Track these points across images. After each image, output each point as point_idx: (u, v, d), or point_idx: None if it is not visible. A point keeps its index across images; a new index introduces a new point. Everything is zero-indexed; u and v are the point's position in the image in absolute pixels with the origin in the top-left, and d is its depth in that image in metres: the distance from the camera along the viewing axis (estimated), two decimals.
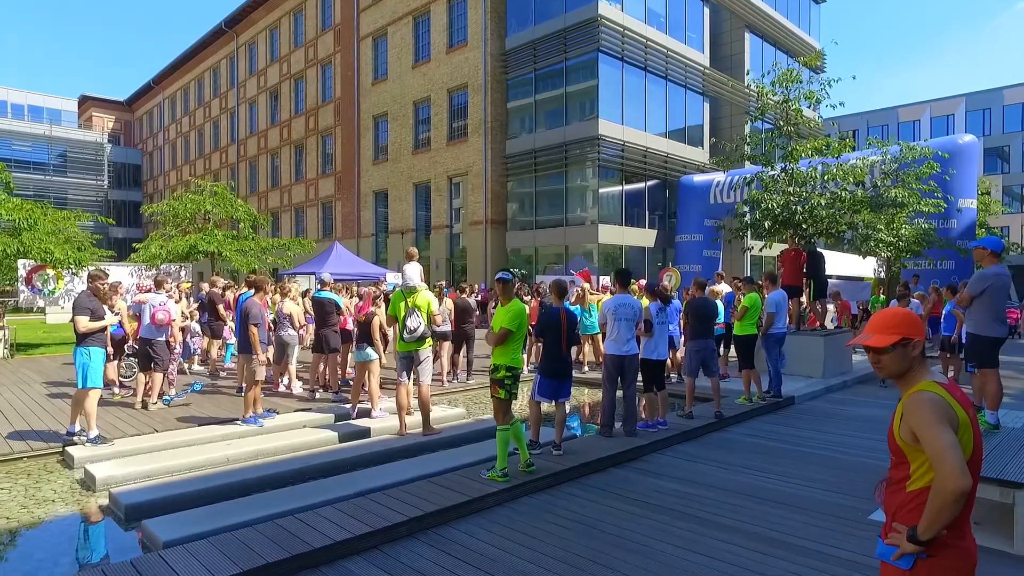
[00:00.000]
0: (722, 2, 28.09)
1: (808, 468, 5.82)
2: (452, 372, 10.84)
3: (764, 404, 8.43)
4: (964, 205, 18.52)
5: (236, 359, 9.94)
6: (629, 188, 25.11)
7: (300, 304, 13.15)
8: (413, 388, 7.25)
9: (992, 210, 32.51)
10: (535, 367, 6.63)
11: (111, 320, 6.69)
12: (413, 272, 6.93)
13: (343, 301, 9.63)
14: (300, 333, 9.66)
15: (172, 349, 8.81)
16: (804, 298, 12.00)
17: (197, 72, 48.63)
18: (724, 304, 11.44)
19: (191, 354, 11.62)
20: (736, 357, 8.82)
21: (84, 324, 6.32)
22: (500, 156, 26.26)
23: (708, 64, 27.77)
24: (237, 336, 8.54)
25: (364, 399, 7.96)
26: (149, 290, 9.28)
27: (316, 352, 9.21)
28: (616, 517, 4.60)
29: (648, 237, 25.84)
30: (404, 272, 6.98)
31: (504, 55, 26.12)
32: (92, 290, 6.63)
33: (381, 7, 31.48)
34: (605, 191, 24.17)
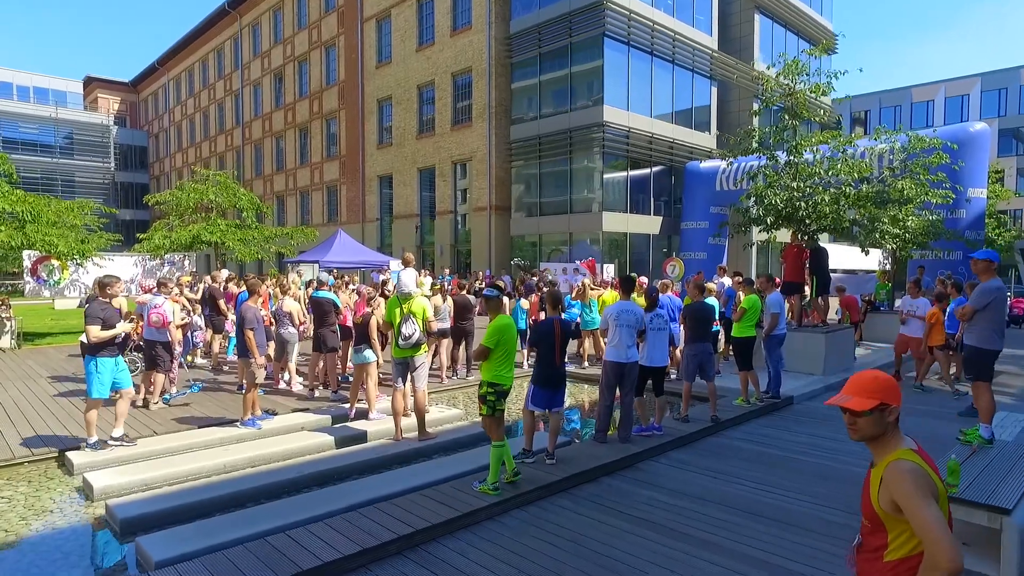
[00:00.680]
0: None
1: (800, 478, 5.84)
2: (451, 368, 10.89)
3: (762, 405, 8.42)
4: (973, 195, 18.22)
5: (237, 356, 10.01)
6: (634, 174, 24.81)
7: (303, 296, 13.25)
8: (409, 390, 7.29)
9: (1003, 196, 32.02)
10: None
11: (123, 328, 6.70)
12: (408, 279, 6.95)
13: (343, 297, 9.70)
14: (300, 330, 9.71)
15: (173, 350, 8.87)
16: (807, 292, 11.93)
17: (201, 53, 48.30)
18: (724, 299, 11.39)
19: (193, 347, 11.71)
20: (733, 356, 8.81)
21: (95, 333, 6.36)
22: (504, 142, 26.03)
23: (716, 47, 27.25)
24: (236, 337, 8.59)
25: (362, 399, 8.04)
26: (151, 290, 9.33)
27: (315, 351, 9.29)
28: (604, 533, 4.65)
29: (653, 224, 25.63)
30: (399, 278, 7.00)
31: (508, 39, 25.72)
32: (104, 297, 6.67)
33: None
34: (610, 177, 23.91)
